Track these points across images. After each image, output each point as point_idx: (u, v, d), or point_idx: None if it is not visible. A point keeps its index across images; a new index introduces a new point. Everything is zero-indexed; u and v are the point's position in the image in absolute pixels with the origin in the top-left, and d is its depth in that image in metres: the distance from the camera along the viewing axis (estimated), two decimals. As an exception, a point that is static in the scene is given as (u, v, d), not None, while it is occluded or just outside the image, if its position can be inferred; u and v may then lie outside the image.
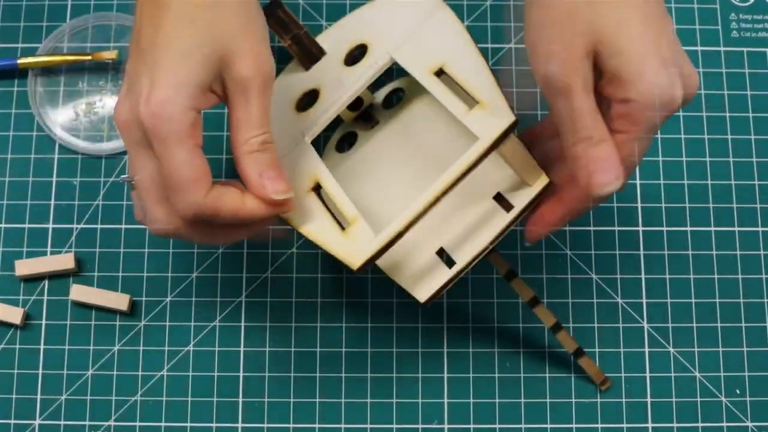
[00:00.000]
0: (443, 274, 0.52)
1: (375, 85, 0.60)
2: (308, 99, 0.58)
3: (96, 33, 0.67)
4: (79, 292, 0.62)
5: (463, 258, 0.52)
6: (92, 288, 0.62)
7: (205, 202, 0.46)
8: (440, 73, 0.53)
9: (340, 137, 0.63)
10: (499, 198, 0.53)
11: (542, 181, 0.52)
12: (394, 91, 0.63)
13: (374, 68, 0.56)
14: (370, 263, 0.49)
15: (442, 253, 0.53)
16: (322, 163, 0.54)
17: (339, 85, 0.57)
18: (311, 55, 0.59)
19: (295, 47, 0.59)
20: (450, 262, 0.52)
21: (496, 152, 0.50)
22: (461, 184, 0.49)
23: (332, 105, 0.56)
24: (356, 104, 0.61)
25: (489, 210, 0.53)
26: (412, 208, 0.49)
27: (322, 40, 0.60)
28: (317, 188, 0.53)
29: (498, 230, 0.51)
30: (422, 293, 0.52)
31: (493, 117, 0.50)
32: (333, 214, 0.52)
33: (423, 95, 0.61)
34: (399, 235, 0.49)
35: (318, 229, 0.51)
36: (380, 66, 0.56)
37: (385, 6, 0.59)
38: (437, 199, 0.49)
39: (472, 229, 0.53)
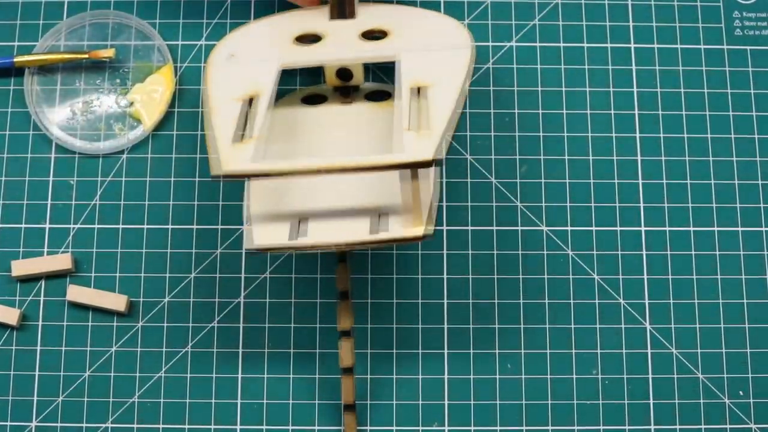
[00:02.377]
0: (282, 238, 0.52)
1: (373, 76, 0.63)
2: (310, 38, 0.60)
3: (93, 31, 0.66)
4: (75, 293, 0.61)
5: (311, 237, 0.52)
6: (89, 289, 0.61)
7: None
8: (419, 91, 0.55)
9: (313, 93, 0.64)
10: (377, 216, 0.53)
11: (416, 231, 0.51)
12: (385, 92, 0.63)
13: (377, 53, 0.58)
14: (228, 179, 0.51)
15: (301, 221, 0.53)
16: (273, 86, 0.56)
17: (341, 45, 0.59)
18: (342, 10, 0.61)
19: None
20: (303, 233, 0.53)
21: (401, 176, 0.51)
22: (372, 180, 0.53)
23: (324, 55, 0.58)
24: (345, 75, 0.62)
25: (366, 218, 0.53)
26: (295, 163, 0.50)
27: (368, 7, 0.62)
28: (249, 101, 0.55)
29: (350, 240, 0.51)
30: (256, 240, 0.52)
31: (418, 146, 0.50)
32: (239, 128, 0.54)
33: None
34: (265, 175, 0.50)
35: (220, 125, 0.53)
36: (383, 55, 0.58)
37: (428, 16, 0.61)
38: (317, 171, 0.49)
39: (342, 221, 0.53)
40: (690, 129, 0.65)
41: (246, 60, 0.59)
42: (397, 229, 0.52)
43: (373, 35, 0.60)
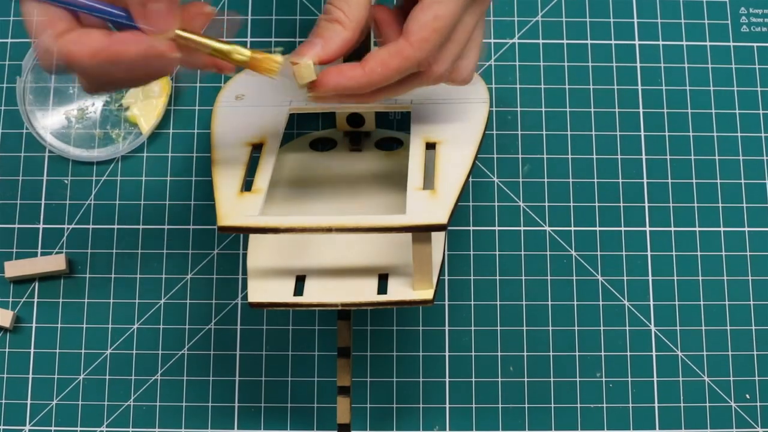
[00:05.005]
0: (284, 296, 0.51)
1: (385, 123, 0.62)
2: None
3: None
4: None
5: (309, 295, 0.51)
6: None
7: (55, 45, 0.44)
8: (431, 146, 0.54)
9: (322, 137, 0.63)
10: (383, 277, 0.52)
11: (425, 294, 0.51)
12: (394, 139, 0.63)
13: (389, 102, 0.57)
14: (234, 232, 0.50)
15: (302, 279, 0.52)
16: (281, 132, 0.54)
17: None
18: (357, 53, 0.60)
19: None
20: (300, 289, 0.52)
21: (411, 239, 0.49)
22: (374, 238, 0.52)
23: None
24: (356, 121, 0.61)
25: (370, 278, 0.52)
26: (305, 220, 0.49)
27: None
28: (257, 146, 0.54)
29: (355, 300, 0.51)
30: (255, 295, 0.51)
31: (431, 208, 0.49)
32: (246, 174, 0.53)
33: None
34: (273, 230, 0.49)
35: (224, 174, 0.52)
36: (396, 105, 0.57)
37: None
38: (328, 230, 0.48)
39: (345, 280, 0.52)
40: (695, 127, 0.65)
41: (254, 102, 0.58)
42: (406, 291, 0.51)
43: None
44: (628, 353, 0.61)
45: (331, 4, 0.48)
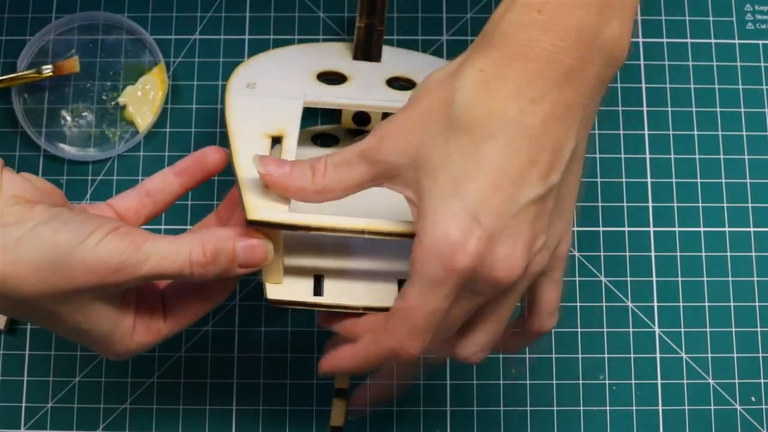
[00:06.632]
0: (302, 294, 0.50)
1: None
2: (335, 79, 0.58)
3: (82, 33, 0.65)
4: None
5: (330, 296, 0.50)
6: None
7: None
8: None
9: (323, 132, 0.62)
10: (399, 280, 0.51)
11: None
12: None
13: (400, 104, 0.56)
14: (261, 225, 0.48)
15: (319, 279, 0.51)
16: (299, 124, 0.53)
17: (366, 90, 0.57)
18: (368, 51, 0.58)
19: (362, 33, 0.58)
20: (320, 289, 0.51)
21: None
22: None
23: (350, 98, 0.56)
24: (363, 119, 0.61)
25: (389, 282, 0.51)
26: (335, 220, 0.48)
27: (390, 51, 0.60)
28: (275, 140, 0.52)
29: (374, 304, 0.49)
30: (274, 292, 0.50)
31: None
32: None
33: None
34: (304, 228, 0.48)
35: (247, 166, 0.50)
36: (402, 103, 0.56)
37: None
38: (360, 232, 0.47)
39: (365, 283, 0.51)
40: (700, 126, 0.64)
41: (267, 92, 0.56)
42: None
43: (398, 83, 0.58)
44: (632, 355, 0.61)
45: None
